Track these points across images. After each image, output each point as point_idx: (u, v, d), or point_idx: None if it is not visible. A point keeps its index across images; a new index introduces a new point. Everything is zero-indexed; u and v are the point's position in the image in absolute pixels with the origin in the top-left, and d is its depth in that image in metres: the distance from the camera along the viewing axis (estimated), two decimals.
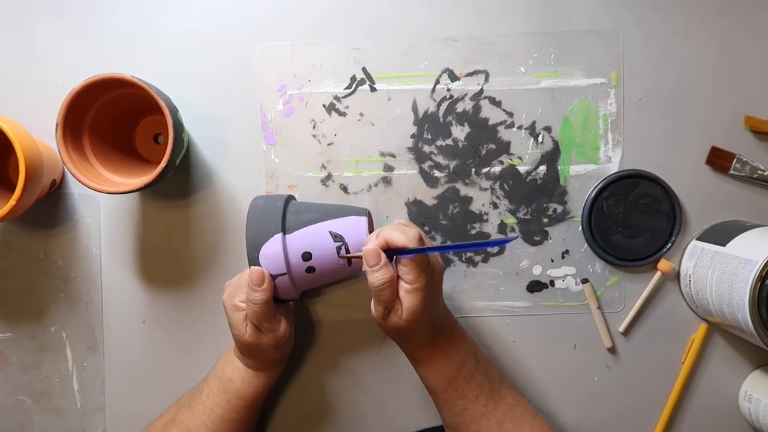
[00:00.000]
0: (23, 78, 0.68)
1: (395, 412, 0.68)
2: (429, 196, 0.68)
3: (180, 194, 0.68)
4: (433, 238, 0.68)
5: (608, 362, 0.68)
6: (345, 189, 0.68)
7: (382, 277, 0.53)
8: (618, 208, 0.66)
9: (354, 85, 0.68)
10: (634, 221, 0.66)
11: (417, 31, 0.67)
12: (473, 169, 0.68)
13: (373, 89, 0.68)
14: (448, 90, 0.67)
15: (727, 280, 0.58)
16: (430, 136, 0.68)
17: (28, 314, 0.69)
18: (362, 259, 0.54)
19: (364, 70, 0.67)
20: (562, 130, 0.67)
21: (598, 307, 0.67)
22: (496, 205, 0.68)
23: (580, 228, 0.67)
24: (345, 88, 0.68)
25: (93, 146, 0.62)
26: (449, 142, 0.68)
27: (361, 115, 0.68)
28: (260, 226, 0.57)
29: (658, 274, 0.66)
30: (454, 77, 0.67)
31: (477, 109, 0.67)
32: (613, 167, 0.67)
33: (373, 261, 0.53)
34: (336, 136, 0.68)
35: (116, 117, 0.64)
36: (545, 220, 0.68)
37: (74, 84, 0.59)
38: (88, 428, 0.69)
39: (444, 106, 0.67)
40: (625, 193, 0.66)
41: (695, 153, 0.67)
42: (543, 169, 0.67)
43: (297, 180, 0.68)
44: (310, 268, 0.57)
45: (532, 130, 0.67)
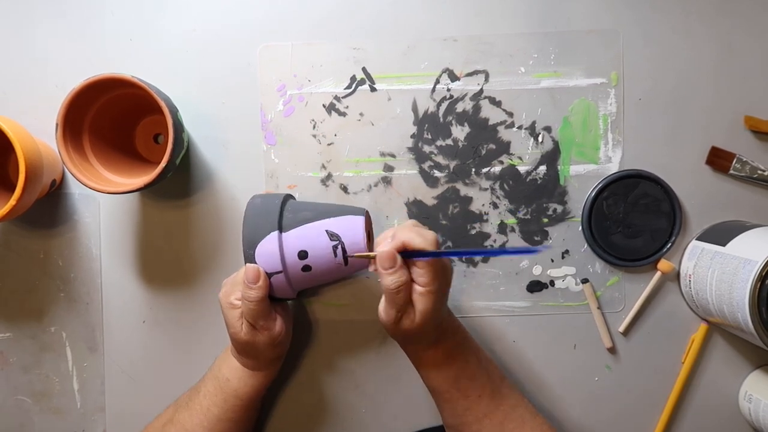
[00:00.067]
0: (23, 78, 0.68)
1: (395, 413, 0.68)
2: (429, 196, 0.68)
3: (180, 194, 0.68)
4: None
5: (608, 362, 0.68)
6: (345, 189, 0.68)
7: (398, 280, 0.52)
8: (618, 208, 0.66)
9: (354, 85, 0.68)
10: (634, 221, 0.66)
11: (417, 31, 0.67)
12: (473, 169, 0.68)
13: (373, 89, 0.68)
14: (448, 90, 0.67)
15: (727, 280, 0.58)
16: (430, 136, 0.68)
17: (28, 314, 0.69)
18: (372, 260, 0.54)
19: (364, 70, 0.67)
20: (562, 130, 0.67)
21: (598, 307, 0.67)
22: (496, 205, 0.68)
23: (580, 228, 0.67)
24: (345, 88, 0.68)
25: (93, 146, 0.62)
26: (449, 142, 0.68)
27: (361, 115, 0.68)
28: (257, 224, 0.57)
29: (658, 274, 0.66)
30: (454, 77, 0.67)
31: (477, 109, 0.67)
32: (613, 167, 0.67)
33: (388, 264, 0.52)
34: (336, 136, 0.68)
35: (116, 117, 0.64)
36: (545, 220, 0.68)
37: (74, 84, 0.59)
38: (88, 428, 0.69)
39: (444, 106, 0.67)
40: (625, 193, 0.66)
41: (695, 153, 0.67)
42: (543, 169, 0.67)
43: (297, 180, 0.68)
44: (306, 267, 0.57)
45: (532, 130, 0.67)
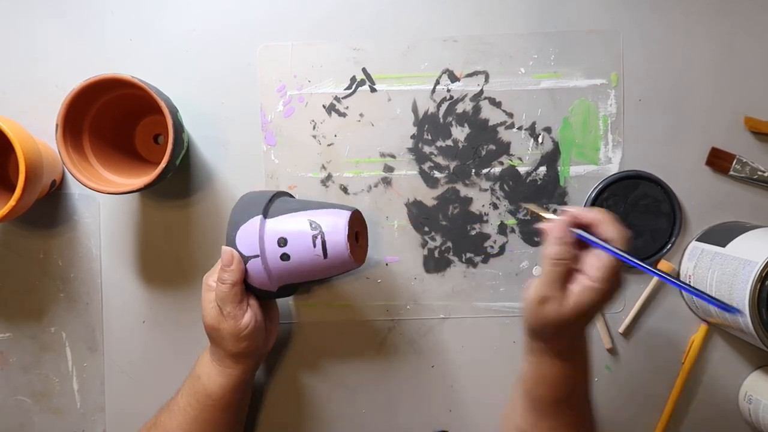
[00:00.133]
0: (23, 78, 0.68)
1: (395, 413, 0.68)
2: (429, 197, 0.68)
3: (180, 194, 0.68)
4: (433, 239, 0.68)
5: (608, 363, 0.68)
6: (345, 189, 0.68)
7: (562, 253, 0.48)
8: (618, 209, 0.66)
9: (354, 86, 0.68)
10: (634, 222, 0.66)
11: (417, 31, 0.67)
12: (473, 170, 0.68)
13: (373, 90, 0.68)
14: (448, 90, 0.67)
15: (727, 280, 0.58)
16: (430, 137, 0.68)
17: (28, 314, 0.69)
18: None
19: (364, 70, 0.67)
20: (562, 131, 0.67)
21: None
22: (496, 206, 0.68)
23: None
24: (345, 89, 0.68)
25: (93, 146, 0.62)
26: (449, 142, 0.68)
27: (361, 115, 0.68)
28: (244, 209, 0.58)
29: None
30: (454, 78, 0.67)
31: (477, 109, 0.67)
32: (613, 168, 0.67)
33: (559, 233, 0.48)
34: (336, 136, 0.68)
35: (116, 117, 0.64)
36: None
37: (74, 84, 0.59)
38: (88, 428, 0.69)
39: (444, 107, 0.67)
40: (625, 194, 0.66)
41: (695, 154, 0.67)
42: (543, 169, 0.67)
43: (297, 180, 0.68)
44: (285, 255, 0.57)
45: (532, 131, 0.67)
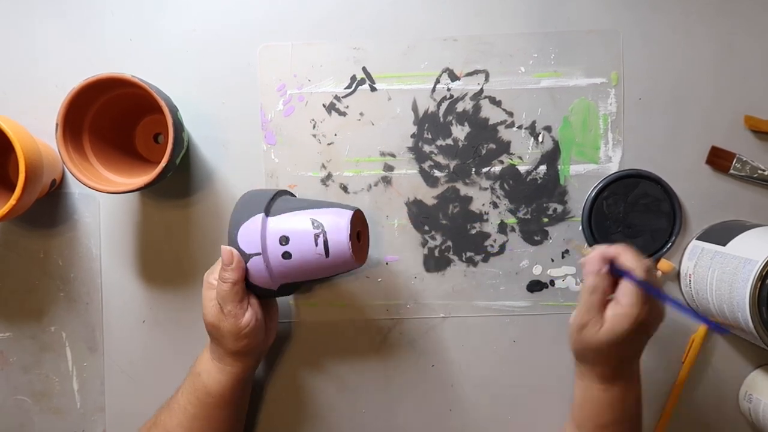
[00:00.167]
0: (23, 78, 0.68)
1: (395, 412, 0.68)
2: (429, 196, 0.68)
3: (180, 194, 0.68)
4: (434, 238, 0.68)
5: None
6: (345, 189, 0.68)
7: (596, 283, 0.53)
8: (618, 208, 0.66)
9: (354, 85, 0.68)
10: (634, 221, 0.66)
11: (417, 31, 0.67)
12: (473, 169, 0.68)
13: (373, 89, 0.68)
14: (448, 90, 0.67)
15: (727, 279, 0.58)
16: (430, 136, 0.68)
17: (28, 314, 0.69)
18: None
19: (364, 69, 0.67)
20: (562, 130, 0.67)
21: None
22: (496, 205, 0.68)
23: (580, 228, 0.67)
24: (345, 88, 0.68)
25: (93, 146, 0.62)
26: (449, 141, 0.68)
27: (361, 114, 0.68)
28: (246, 208, 0.58)
29: (659, 274, 0.66)
30: (454, 77, 0.67)
31: (477, 108, 0.67)
32: (613, 167, 0.67)
33: (592, 265, 0.53)
34: (336, 135, 0.68)
35: (116, 117, 0.64)
36: (545, 220, 0.68)
37: (74, 84, 0.59)
38: (88, 428, 0.69)
39: (444, 106, 0.67)
40: (625, 193, 0.66)
41: (695, 153, 0.67)
42: (543, 168, 0.67)
43: (297, 180, 0.68)
44: (287, 254, 0.56)
45: (532, 130, 0.67)
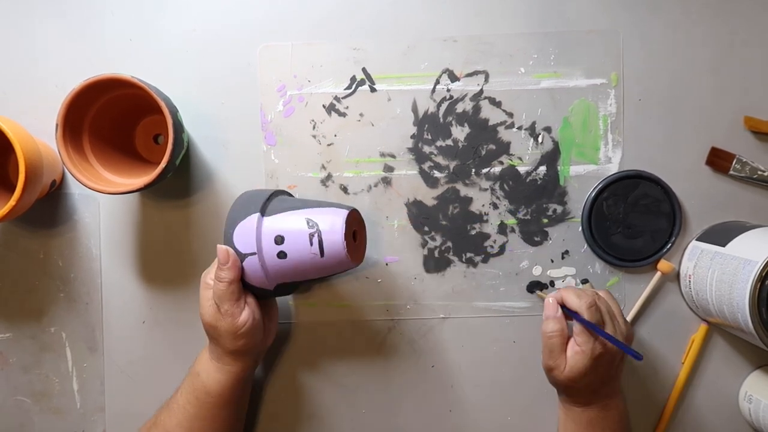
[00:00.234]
0: (23, 78, 0.68)
1: (395, 413, 0.68)
2: (429, 197, 0.68)
3: (180, 194, 0.68)
4: (433, 239, 0.68)
5: None
6: (345, 189, 0.68)
7: (552, 328, 0.58)
8: (618, 209, 0.66)
9: (354, 86, 0.68)
10: (634, 222, 0.66)
11: (417, 31, 0.67)
12: (473, 170, 0.68)
13: (373, 89, 0.68)
14: (448, 90, 0.67)
15: (727, 280, 0.58)
16: (430, 137, 0.68)
17: (28, 314, 0.69)
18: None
19: (364, 70, 0.67)
20: (562, 131, 0.67)
21: None
22: (496, 206, 0.68)
23: (580, 228, 0.67)
24: (345, 89, 0.68)
25: (93, 146, 0.62)
26: (449, 142, 0.68)
27: (361, 115, 0.68)
28: (242, 207, 0.58)
29: (658, 275, 0.66)
30: (454, 77, 0.67)
31: (477, 109, 0.67)
32: (613, 168, 0.67)
33: (548, 311, 0.59)
34: (336, 136, 0.68)
35: (116, 117, 0.64)
36: (545, 221, 0.68)
37: (74, 84, 0.59)
38: (88, 428, 0.69)
39: (444, 107, 0.67)
40: (625, 194, 0.66)
41: (695, 153, 0.67)
42: (543, 169, 0.67)
43: (297, 180, 0.68)
44: (282, 253, 0.57)
45: (532, 131, 0.67)
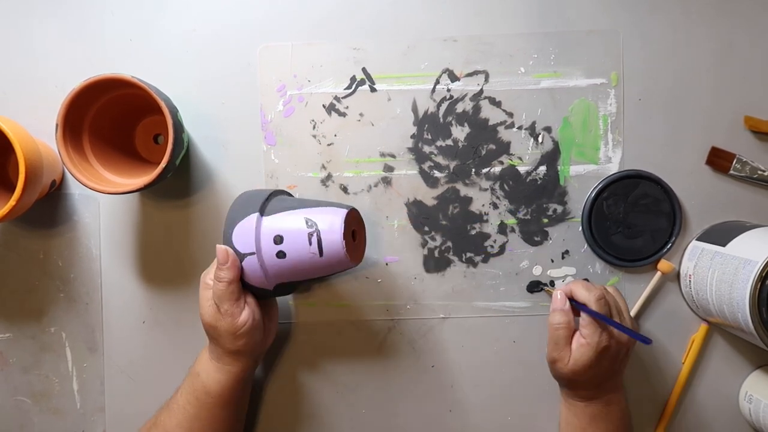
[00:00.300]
0: (23, 78, 0.68)
1: (395, 413, 0.68)
2: (429, 197, 0.68)
3: (180, 194, 0.68)
4: (433, 239, 0.68)
5: None
6: (345, 189, 0.68)
7: (559, 319, 0.59)
8: (618, 209, 0.66)
9: (354, 86, 0.68)
10: (634, 221, 0.66)
11: (417, 31, 0.67)
12: (473, 170, 0.68)
13: (373, 89, 0.68)
14: (448, 90, 0.67)
15: (727, 280, 0.58)
16: (430, 137, 0.68)
17: (28, 314, 0.69)
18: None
19: (364, 70, 0.67)
20: (562, 131, 0.67)
21: None
22: (496, 206, 0.68)
23: (580, 228, 0.67)
24: (345, 89, 0.68)
25: (93, 146, 0.62)
26: (449, 142, 0.68)
27: (361, 115, 0.68)
28: (241, 207, 0.58)
29: (658, 275, 0.66)
30: (454, 77, 0.67)
31: (477, 109, 0.67)
32: (613, 167, 0.67)
33: (557, 304, 0.60)
34: (336, 136, 0.68)
35: (116, 117, 0.64)
36: (545, 221, 0.68)
37: (74, 84, 0.59)
38: (88, 428, 0.69)
39: (444, 107, 0.67)
40: (625, 194, 0.66)
41: (695, 153, 0.67)
42: (543, 169, 0.67)
43: (297, 180, 0.68)
44: (281, 253, 0.57)
45: (532, 131, 0.67)
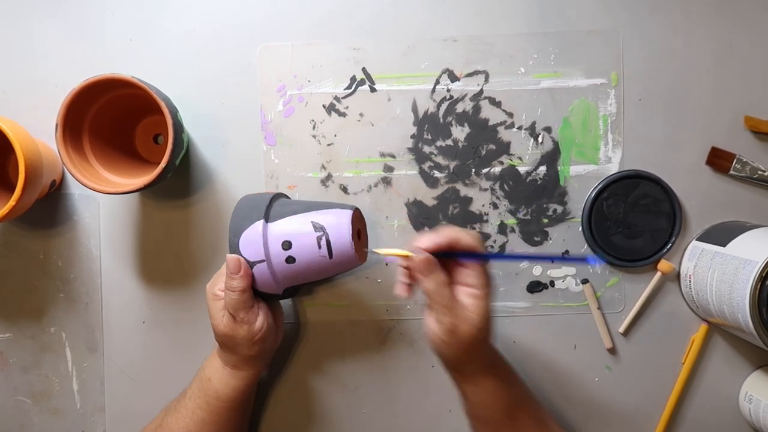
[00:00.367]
0: (23, 78, 0.68)
1: (395, 413, 0.68)
2: (429, 197, 0.68)
3: (180, 194, 0.68)
4: None
5: (608, 363, 0.68)
6: (345, 189, 0.68)
7: (436, 280, 0.51)
8: (618, 209, 0.66)
9: (354, 86, 0.68)
10: (634, 222, 0.66)
11: (417, 31, 0.67)
12: (473, 170, 0.68)
13: (373, 89, 0.68)
14: (448, 90, 0.67)
15: (727, 280, 0.58)
16: (430, 137, 0.68)
17: (28, 314, 0.69)
18: (404, 258, 0.52)
19: (364, 70, 0.67)
20: (562, 131, 0.67)
21: (598, 308, 0.67)
22: (496, 206, 0.68)
23: (580, 228, 0.67)
24: (345, 89, 0.68)
25: (93, 146, 0.62)
26: (449, 142, 0.68)
27: (361, 115, 0.68)
28: (244, 215, 0.57)
29: (658, 275, 0.66)
30: (454, 77, 0.67)
31: (477, 109, 0.67)
32: (613, 167, 0.67)
33: (424, 266, 0.51)
34: (336, 136, 0.68)
35: (116, 117, 0.64)
36: (545, 221, 0.68)
37: (74, 84, 0.59)
38: (88, 429, 0.69)
39: (444, 107, 0.67)
40: (625, 194, 0.66)
41: (695, 153, 0.67)
42: (543, 169, 0.67)
43: (297, 180, 0.68)
44: (290, 258, 0.57)
45: (532, 131, 0.67)
